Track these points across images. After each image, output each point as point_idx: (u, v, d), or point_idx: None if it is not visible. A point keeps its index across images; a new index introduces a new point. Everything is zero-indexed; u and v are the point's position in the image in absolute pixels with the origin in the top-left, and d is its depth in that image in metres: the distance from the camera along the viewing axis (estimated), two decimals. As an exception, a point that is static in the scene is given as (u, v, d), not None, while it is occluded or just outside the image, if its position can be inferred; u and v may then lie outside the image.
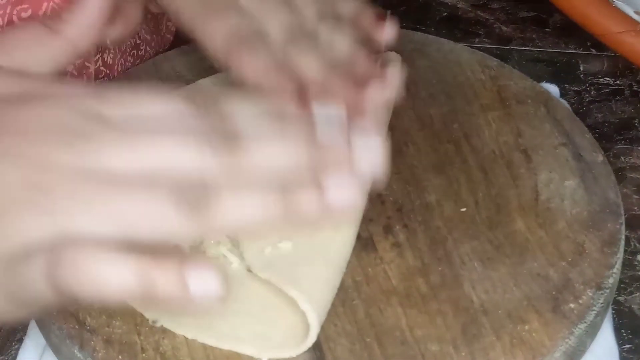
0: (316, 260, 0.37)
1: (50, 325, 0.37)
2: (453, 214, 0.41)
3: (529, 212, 0.41)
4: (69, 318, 0.36)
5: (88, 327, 0.36)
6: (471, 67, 0.48)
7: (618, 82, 0.53)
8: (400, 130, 0.45)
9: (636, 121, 0.50)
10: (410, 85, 0.47)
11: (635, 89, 0.52)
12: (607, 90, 0.52)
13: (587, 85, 0.53)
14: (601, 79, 0.53)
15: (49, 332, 0.37)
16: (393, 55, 0.47)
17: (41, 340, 0.38)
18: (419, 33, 0.51)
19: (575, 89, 0.52)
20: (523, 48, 0.55)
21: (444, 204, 0.41)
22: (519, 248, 0.39)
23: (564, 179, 0.42)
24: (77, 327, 0.36)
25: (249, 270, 0.37)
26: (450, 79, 0.47)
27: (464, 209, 0.41)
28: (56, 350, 0.37)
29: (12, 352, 0.40)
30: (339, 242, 0.38)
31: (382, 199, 0.42)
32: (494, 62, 0.48)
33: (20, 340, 0.40)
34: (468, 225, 0.40)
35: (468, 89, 0.47)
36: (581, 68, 0.54)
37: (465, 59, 0.48)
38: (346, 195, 0.32)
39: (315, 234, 0.37)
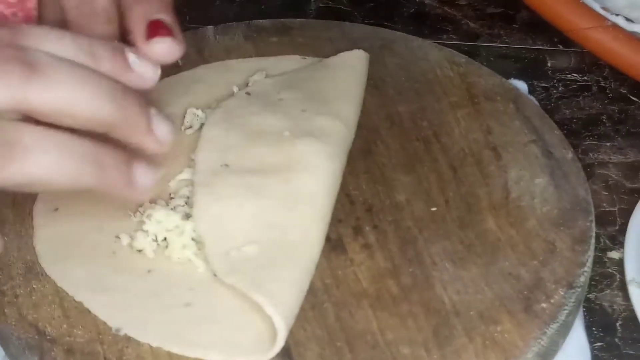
0: (283, 263, 0.36)
1: (9, 335, 0.35)
2: (423, 214, 0.40)
3: (499, 211, 0.40)
4: (28, 328, 0.35)
5: (48, 337, 0.35)
6: (440, 64, 0.47)
7: (586, 77, 0.52)
8: (369, 128, 0.44)
9: (604, 117, 0.50)
10: (379, 83, 0.46)
11: (602, 84, 0.52)
12: (574, 86, 0.52)
13: (555, 81, 0.52)
14: (569, 75, 0.53)
15: (7, 342, 0.35)
16: (360, 52, 0.47)
17: (-1, 351, 0.37)
18: (386, 30, 0.51)
19: (543, 85, 0.52)
20: (491, 44, 0.55)
21: (414, 203, 0.41)
22: (490, 247, 0.39)
23: (534, 177, 0.42)
24: (36, 337, 0.35)
25: (215, 275, 0.36)
26: (418, 76, 0.47)
27: (434, 209, 0.40)
28: (15, 362, 0.35)
29: (-30, 363, 0.39)
30: (307, 244, 0.37)
31: (352, 199, 0.41)
32: (462, 58, 0.48)
33: (-23, 351, 0.39)
34: (439, 225, 0.40)
35: (437, 86, 0.46)
36: (549, 64, 0.53)
37: (433, 55, 0.48)
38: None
39: (279, 236, 0.37)
